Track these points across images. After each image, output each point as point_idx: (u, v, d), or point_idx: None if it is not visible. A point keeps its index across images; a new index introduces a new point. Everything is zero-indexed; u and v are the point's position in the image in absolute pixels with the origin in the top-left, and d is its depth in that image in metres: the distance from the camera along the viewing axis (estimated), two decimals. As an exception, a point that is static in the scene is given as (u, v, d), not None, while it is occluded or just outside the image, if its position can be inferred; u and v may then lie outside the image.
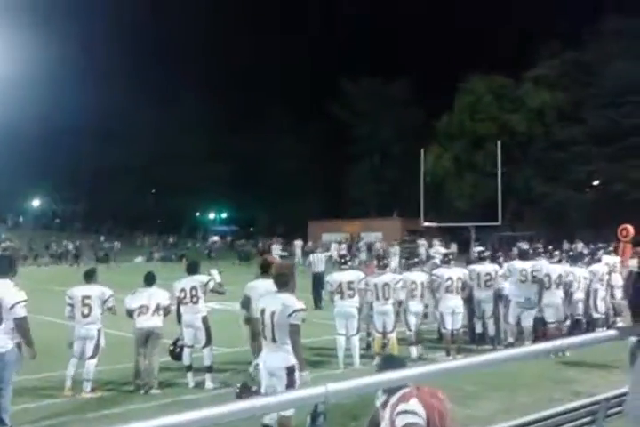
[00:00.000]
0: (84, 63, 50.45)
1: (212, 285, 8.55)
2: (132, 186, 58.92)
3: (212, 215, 71.49)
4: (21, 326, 6.06)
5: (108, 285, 8.46)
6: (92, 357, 7.85)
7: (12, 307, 6.01)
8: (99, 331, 7.97)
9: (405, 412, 3.24)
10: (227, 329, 9.84)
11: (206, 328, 8.39)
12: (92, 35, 50.96)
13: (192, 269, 8.75)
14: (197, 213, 70.21)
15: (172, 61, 59.72)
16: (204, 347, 8.35)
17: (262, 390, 5.75)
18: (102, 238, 48.41)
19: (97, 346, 7.92)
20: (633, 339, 2.85)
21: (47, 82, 48.25)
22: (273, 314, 5.56)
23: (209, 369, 8.32)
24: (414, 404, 3.25)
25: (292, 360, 5.52)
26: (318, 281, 15.92)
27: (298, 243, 36.98)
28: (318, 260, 17.08)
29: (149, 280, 8.56)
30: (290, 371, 5.51)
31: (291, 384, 5.40)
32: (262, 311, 5.68)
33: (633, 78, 37.38)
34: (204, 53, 57.88)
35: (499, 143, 32.60)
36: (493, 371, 7.49)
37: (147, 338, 8.11)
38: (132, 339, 8.39)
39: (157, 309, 8.20)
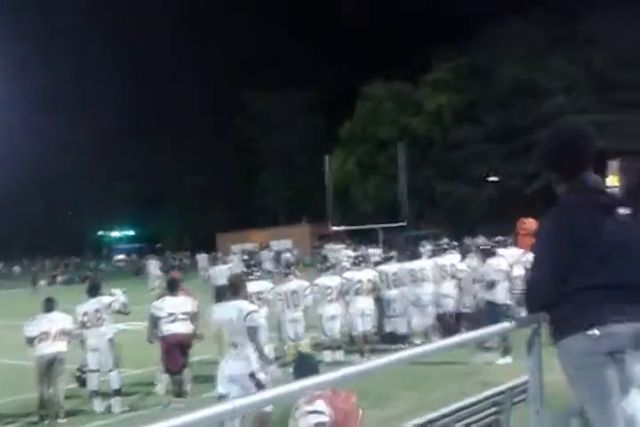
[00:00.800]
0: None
1: (116, 306, 8.28)
2: (31, 208, 56.44)
3: (116, 233, 69.36)
4: None
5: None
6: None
7: None
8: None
9: (312, 412, 3.40)
10: (134, 350, 9.50)
11: (112, 351, 8.07)
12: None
13: (93, 292, 8.52)
14: (101, 232, 67.97)
15: (72, 78, 57.66)
16: (110, 370, 8.03)
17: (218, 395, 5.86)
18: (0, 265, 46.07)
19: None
20: (530, 329, 2.93)
21: None
22: (230, 321, 5.85)
23: (117, 393, 8.00)
24: (320, 404, 3.33)
25: (253, 365, 5.76)
26: (221, 295, 15.40)
27: (201, 256, 36.16)
28: (220, 272, 16.39)
29: (48, 306, 8.23)
30: (252, 375, 5.74)
31: (260, 387, 5.56)
32: (219, 321, 6.01)
33: (521, 81, 39.47)
34: (110, 69, 56.35)
35: (400, 146, 33.42)
36: (406, 370, 7.60)
37: (50, 365, 7.79)
38: (31, 368, 7.95)
39: (60, 334, 7.86)
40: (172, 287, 8.34)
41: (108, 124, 54.99)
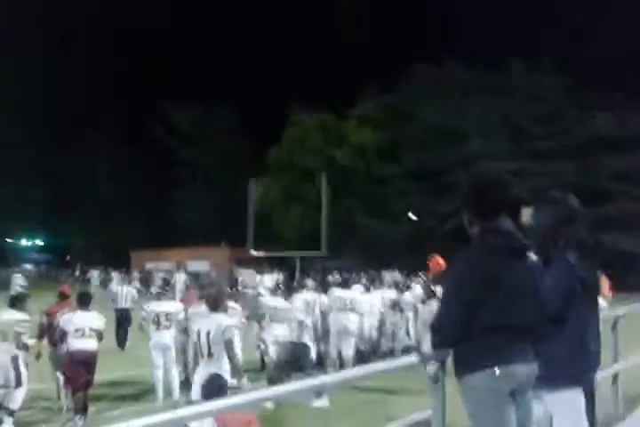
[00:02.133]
0: None
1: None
2: None
3: (24, 242, 66.30)
4: None
5: None
6: None
7: None
8: None
9: None
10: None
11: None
12: None
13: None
14: (8, 240, 64.78)
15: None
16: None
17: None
18: None
19: None
20: (433, 365, 3.03)
21: None
22: (208, 333, 6.28)
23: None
24: (208, 423, 3.53)
25: (226, 376, 6.10)
26: (124, 319, 14.27)
27: (94, 273, 35.46)
28: (126, 293, 14.99)
29: None
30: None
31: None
32: (198, 332, 6.38)
33: (441, 124, 41.07)
34: (20, 69, 54.28)
35: (323, 176, 33.72)
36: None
37: None
38: None
39: None
40: (84, 301, 8.06)
41: (21, 121, 52.74)
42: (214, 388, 5.19)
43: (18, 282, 28.22)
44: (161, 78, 54.57)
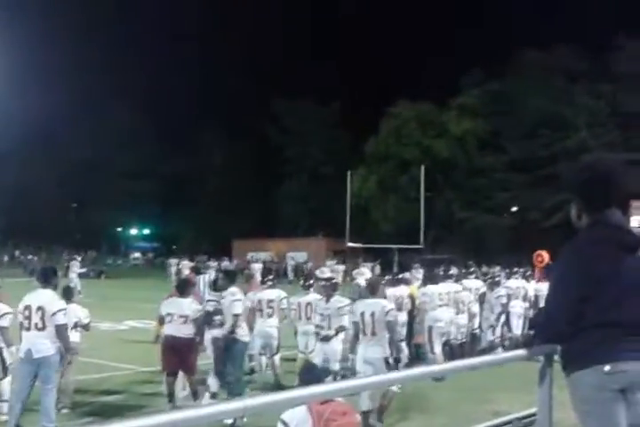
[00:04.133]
0: (3, 73, 48.73)
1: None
2: (54, 200, 57.09)
3: (134, 231, 69.79)
4: (61, 332, 6.57)
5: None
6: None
7: (54, 314, 6.47)
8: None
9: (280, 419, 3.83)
10: (141, 347, 9.61)
11: None
12: (26, 41, 49.21)
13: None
14: (119, 229, 68.43)
15: (102, 75, 58.48)
16: None
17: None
18: (17, 253, 46.37)
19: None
20: (541, 358, 2.99)
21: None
22: (373, 314, 7.08)
23: None
24: (300, 412, 3.72)
25: (387, 351, 7.04)
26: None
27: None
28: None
29: (67, 295, 8.01)
30: (386, 360, 7.00)
31: (390, 369, 6.86)
32: (362, 313, 7.17)
33: (548, 113, 39.43)
34: (138, 67, 57.12)
35: (422, 168, 33.46)
36: (417, 392, 7.65)
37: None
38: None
39: (75, 325, 7.87)
40: (181, 288, 8.15)
41: (144, 119, 55.53)
42: (314, 376, 5.26)
43: (75, 270, 27.50)
44: (270, 76, 56.13)
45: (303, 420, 3.77)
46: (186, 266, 14.66)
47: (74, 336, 7.75)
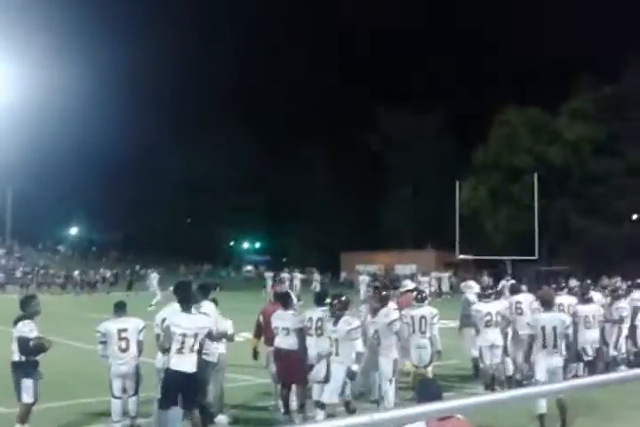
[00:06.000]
0: (117, 93, 51.76)
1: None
2: (167, 215, 59.75)
3: (246, 245, 71.93)
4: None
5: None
6: (135, 393, 7.37)
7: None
8: (137, 366, 7.41)
9: None
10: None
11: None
12: (124, 64, 52.14)
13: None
14: (232, 243, 70.72)
15: (206, 92, 60.93)
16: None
17: None
18: (137, 267, 48.81)
19: (138, 382, 7.40)
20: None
21: (81, 112, 49.88)
22: (554, 328, 7.60)
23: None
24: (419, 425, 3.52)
25: (560, 362, 7.70)
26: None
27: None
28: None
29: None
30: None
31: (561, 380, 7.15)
32: (543, 327, 7.64)
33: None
34: (239, 84, 59.01)
35: (535, 176, 32.39)
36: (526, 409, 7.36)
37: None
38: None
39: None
40: (283, 302, 8.29)
41: (249, 135, 57.33)
42: (432, 391, 5.16)
43: (154, 282, 29.03)
44: (369, 85, 56.37)
45: None
46: (296, 277, 15.10)
47: (220, 347, 7.85)
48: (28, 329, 6.86)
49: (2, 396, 8.09)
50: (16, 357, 6.90)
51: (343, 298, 7.71)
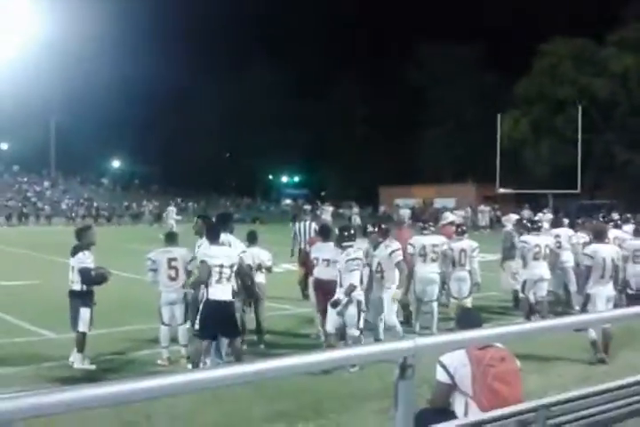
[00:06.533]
0: (156, 29, 51.21)
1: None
2: (208, 149, 60.08)
3: (284, 179, 72.27)
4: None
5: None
6: (185, 322, 7.47)
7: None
8: (186, 294, 7.50)
9: (439, 362, 3.79)
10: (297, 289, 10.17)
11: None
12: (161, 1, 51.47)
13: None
14: (270, 177, 71.10)
15: (243, 26, 59.87)
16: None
17: None
18: (179, 200, 49.54)
19: (187, 309, 7.47)
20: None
21: (122, 45, 49.75)
22: (613, 260, 7.72)
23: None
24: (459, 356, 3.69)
25: (612, 292, 7.83)
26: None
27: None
28: (305, 231, 11.48)
29: (251, 239, 8.45)
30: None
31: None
32: (604, 259, 7.67)
33: None
34: (276, 18, 57.82)
35: (579, 108, 31.49)
36: (564, 339, 7.45)
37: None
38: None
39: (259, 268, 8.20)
40: (323, 234, 8.41)
41: (289, 72, 56.70)
42: (472, 320, 5.20)
43: (172, 216, 29.95)
44: (410, 17, 54.51)
45: (462, 364, 3.74)
46: (326, 211, 15.03)
47: (259, 277, 8.15)
48: (88, 260, 7.07)
49: (54, 322, 8.52)
50: (77, 286, 7.07)
51: (383, 226, 8.33)
